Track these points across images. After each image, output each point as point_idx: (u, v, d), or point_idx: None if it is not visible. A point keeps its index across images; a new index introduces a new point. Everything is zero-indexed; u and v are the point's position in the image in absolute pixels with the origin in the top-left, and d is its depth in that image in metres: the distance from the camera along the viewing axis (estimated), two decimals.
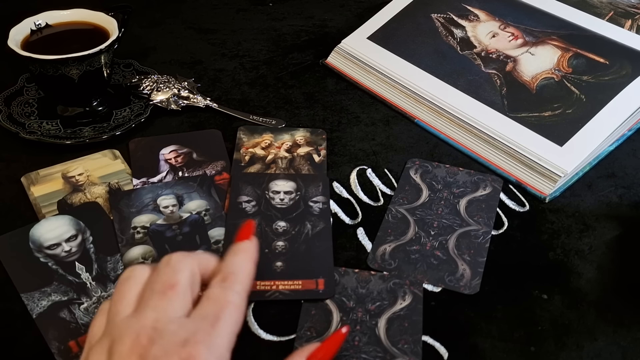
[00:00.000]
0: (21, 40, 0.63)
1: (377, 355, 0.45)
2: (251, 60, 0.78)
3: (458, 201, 0.58)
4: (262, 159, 0.62)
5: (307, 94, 0.73)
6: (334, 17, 0.88)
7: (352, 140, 0.66)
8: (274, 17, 0.88)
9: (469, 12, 0.76)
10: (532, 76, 0.67)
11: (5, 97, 0.68)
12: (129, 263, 0.51)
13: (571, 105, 0.63)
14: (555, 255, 0.54)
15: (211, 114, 0.69)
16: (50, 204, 0.56)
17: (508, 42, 0.71)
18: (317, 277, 0.50)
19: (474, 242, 0.54)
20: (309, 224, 0.55)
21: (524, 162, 0.61)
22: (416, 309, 0.48)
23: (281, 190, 0.58)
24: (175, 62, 0.77)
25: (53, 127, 0.64)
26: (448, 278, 0.51)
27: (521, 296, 0.50)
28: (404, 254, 0.53)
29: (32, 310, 0.47)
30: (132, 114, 0.66)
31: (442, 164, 0.62)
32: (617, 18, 0.73)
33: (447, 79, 0.69)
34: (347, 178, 0.61)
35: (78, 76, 0.61)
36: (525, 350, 0.46)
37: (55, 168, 0.60)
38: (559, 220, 0.57)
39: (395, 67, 0.71)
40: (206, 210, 0.56)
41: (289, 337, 0.46)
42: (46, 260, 0.51)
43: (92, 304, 0.48)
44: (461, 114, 0.66)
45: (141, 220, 0.54)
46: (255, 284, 0.49)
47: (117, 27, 0.65)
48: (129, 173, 0.60)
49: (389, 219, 0.56)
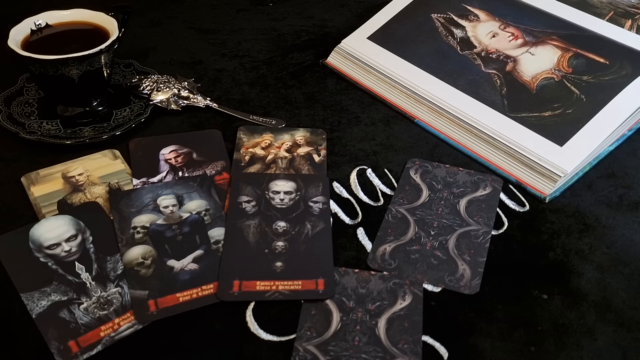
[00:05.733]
0: (21, 40, 0.63)
1: (377, 355, 0.45)
2: (251, 60, 0.78)
3: (458, 201, 0.58)
4: (262, 159, 0.62)
5: (307, 94, 0.73)
6: (334, 17, 0.88)
7: (352, 140, 0.66)
8: (274, 17, 0.88)
9: (469, 12, 0.76)
10: (532, 76, 0.67)
11: (5, 97, 0.68)
12: (128, 263, 0.51)
13: (571, 105, 0.63)
14: (555, 255, 0.54)
15: (211, 114, 0.69)
16: (50, 204, 0.56)
17: (508, 42, 0.71)
18: (317, 278, 0.50)
19: (474, 242, 0.54)
20: (309, 224, 0.55)
21: (524, 162, 0.61)
22: (416, 309, 0.48)
23: (281, 190, 0.58)
24: (176, 62, 0.77)
25: (53, 127, 0.64)
26: (448, 278, 0.51)
27: (521, 296, 0.50)
28: (404, 254, 0.53)
29: (32, 310, 0.47)
30: (132, 114, 0.66)
31: (442, 164, 0.62)
32: (617, 18, 0.73)
33: (447, 79, 0.69)
34: (347, 178, 0.61)
35: (78, 76, 0.61)
36: (525, 350, 0.46)
37: (55, 168, 0.60)
38: (559, 220, 0.57)
39: (395, 67, 0.71)
40: (206, 210, 0.56)
41: (289, 337, 0.46)
42: (46, 260, 0.51)
43: (91, 304, 0.48)
44: (461, 114, 0.66)
45: (141, 220, 0.54)
46: (255, 284, 0.49)
47: (117, 27, 0.65)
48: (129, 173, 0.60)
49: (389, 219, 0.56)
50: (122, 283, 0.50)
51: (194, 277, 0.50)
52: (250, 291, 0.49)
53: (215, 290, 0.49)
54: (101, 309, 0.48)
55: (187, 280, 0.50)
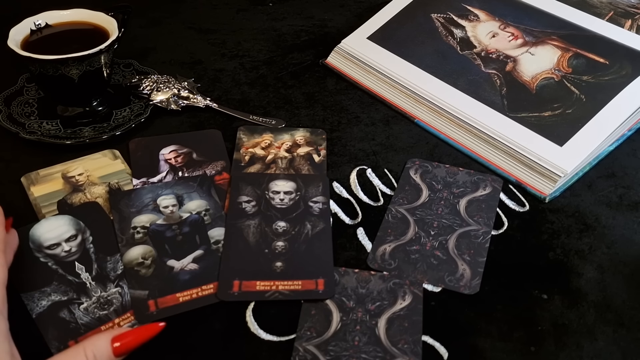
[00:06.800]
0: (21, 40, 0.63)
1: (377, 355, 0.45)
2: (251, 60, 0.78)
3: (458, 201, 0.58)
4: (262, 159, 0.62)
5: (307, 94, 0.73)
6: (333, 17, 0.88)
7: (352, 140, 0.66)
8: (273, 17, 0.88)
9: (468, 12, 0.76)
10: (532, 76, 0.67)
11: (5, 97, 0.68)
12: (128, 263, 0.51)
13: (571, 105, 0.63)
14: (555, 255, 0.54)
15: (211, 114, 0.69)
16: (50, 204, 0.56)
17: (508, 42, 0.71)
18: (317, 277, 0.50)
19: (473, 242, 0.54)
20: (308, 224, 0.55)
21: (523, 162, 0.61)
22: (416, 309, 0.48)
23: (281, 190, 0.58)
24: (175, 62, 0.77)
25: (53, 127, 0.64)
26: (448, 278, 0.51)
27: (521, 296, 0.50)
28: (404, 254, 0.53)
29: (32, 310, 0.47)
30: (132, 114, 0.66)
31: (442, 164, 0.62)
32: (617, 18, 0.73)
33: (447, 79, 0.69)
34: (347, 178, 0.61)
35: (78, 76, 0.61)
36: (525, 350, 0.46)
37: (55, 168, 0.60)
38: (559, 220, 0.57)
39: (395, 67, 0.71)
40: (206, 210, 0.56)
41: (289, 337, 0.46)
42: (46, 260, 0.51)
43: (91, 304, 0.48)
44: (461, 114, 0.66)
45: (141, 220, 0.54)
46: (255, 284, 0.49)
47: (117, 27, 0.65)
48: (129, 173, 0.60)
49: (389, 219, 0.56)
50: (122, 283, 0.50)
51: (194, 277, 0.50)
52: (250, 291, 0.49)
53: (215, 290, 0.49)
54: (101, 309, 0.48)
55: (187, 280, 0.50)
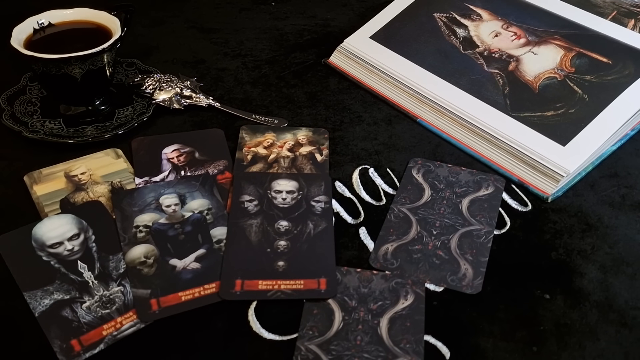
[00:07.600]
0: (24, 40, 0.63)
1: (379, 355, 0.45)
2: (253, 59, 0.78)
3: (460, 201, 0.58)
4: (264, 158, 0.62)
5: (309, 94, 0.73)
6: (336, 17, 0.88)
7: (355, 139, 0.66)
8: (276, 16, 0.88)
9: (471, 11, 0.76)
10: (534, 76, 0.67)
11: (8, 96, 0.68)
12: (131, 262, 0.51)
13: (574, 104, 0.63)
14: (557, 255, 0.54)
15: (213, 113, 0.69)
16: (52, 203, 0.56)
17: (511, 41, 0.71)
18: (319, 277, 0.50)
19: (476, 241, 0.54)
20: (311, 223, 0.55)
21: (526, 161, 0.61)
22: (418, 308, 0.48)
23: (283, 189, 0.58)
24: (178, 61, 0.78)
25: (56, 126, 0.64)
26: (450, 278, 0.51)
27: (523, 296, 0.50)
28: (406, 253, 0.53)
29: (35, 308, 0.47)
30: (135, 113, 0.67)
31: (445, 163, 0.62)
32: (620, 18, 0.73)
33: (450, 78, 0.69)
34: (349, 177, 0.61)
35: (81, 75, 0.61)
36: (527, 350, 0.46)
37: (58, 167, 0.60)
38: (561, 220, 0.57)
39: (397, 67, 0.71)
40: (208, 210, 0.56)
41: (291, 336, 0.46)
42: (48, 259, 0.51)
43: (94, 303, 0.48)
44: (464, 113, 0.65)
45: (143, 219, 0.55)
46: (257, 284, 0.49)
47: (120, 26, 0.65)
48: (131, 172, 0.60)
49: (391, 219, 0.56)
50: (124, 282, 0.50)
51: (196, 276, 0.50)
52: (252, 290, 0.49)
53: (218, 289, 0.49)
54: (103, 308, 0.48)
55: (189, 279, 0.50)
